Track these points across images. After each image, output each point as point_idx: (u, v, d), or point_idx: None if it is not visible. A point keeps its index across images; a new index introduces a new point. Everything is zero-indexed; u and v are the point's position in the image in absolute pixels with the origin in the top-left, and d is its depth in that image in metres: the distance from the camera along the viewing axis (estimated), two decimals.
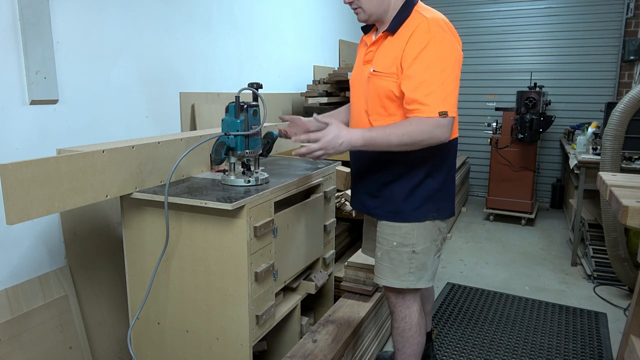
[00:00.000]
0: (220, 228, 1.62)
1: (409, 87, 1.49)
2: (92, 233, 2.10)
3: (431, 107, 1.46)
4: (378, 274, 1.74)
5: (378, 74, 1.58)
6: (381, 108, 1.60)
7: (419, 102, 1.47)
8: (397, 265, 1.69)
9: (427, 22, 1.49)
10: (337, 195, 2.73)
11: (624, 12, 4.86)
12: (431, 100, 1.46)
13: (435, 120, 1.46)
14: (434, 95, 1.46)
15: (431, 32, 1.47)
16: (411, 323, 1.76)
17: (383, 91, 1.57)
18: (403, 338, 1.79)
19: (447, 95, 1.47)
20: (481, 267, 3.63)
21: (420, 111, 1.47)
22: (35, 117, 1.86)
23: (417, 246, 1.67)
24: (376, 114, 1.62)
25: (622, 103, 2.94)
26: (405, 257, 1.67)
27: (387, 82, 1.55)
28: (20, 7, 1.75)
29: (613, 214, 2.90)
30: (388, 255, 1.70)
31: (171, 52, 2.51)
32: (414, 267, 1.68)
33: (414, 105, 1.48)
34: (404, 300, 1.75)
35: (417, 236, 1.66)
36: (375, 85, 1.59)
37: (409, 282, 1.69)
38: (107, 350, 2.13)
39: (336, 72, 3.37)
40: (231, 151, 1.77)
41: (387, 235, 1.69)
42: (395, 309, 1.78)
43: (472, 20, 5.53)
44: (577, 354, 2.44)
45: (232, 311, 1.67)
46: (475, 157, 5.72)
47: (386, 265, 1.71)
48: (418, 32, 1.49)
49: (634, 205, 1.36)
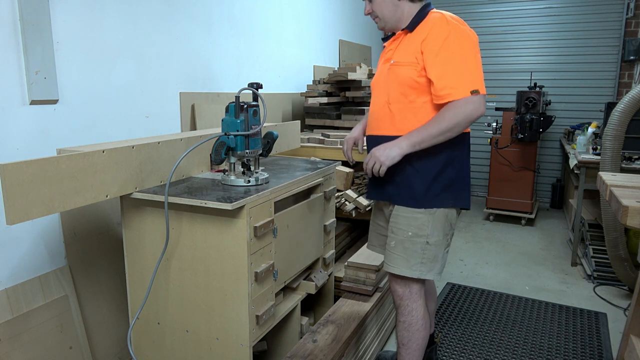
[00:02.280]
0: (220, 228, 1.62)
1: (437, 75, 1.60)
2: (92, 233, 2.10)
3: (464, 88, 1.57)
4: (390, 263, 1.79)
5: (398, 63, 1.69)
6: (402, 95, 1.69)
7: (450, 87, 1.58)
8: (411, 255, 1.74)
9: (444, 16, 1.64)
10: (337, 195, 2.73)
11: (624, 12, 4.86)
12: (460, 84, 1.57)
13: (467, 99, 1.57)
14: (462, 77, 1.58)
15: (450, 24, 1.61)
16: (417, 316, 1.80)
17: (403, 79, 1.67)
18: (409, 332, 1.81)
19: (474, 76, 1.59)
20: (481, 267, 3.63)
21: (452, 95, 1.58)
22: (35, 117, 1.86)
23: (430, 237, 1.73)
24: (397, 102, 1.71)
25: (622, 103, 2.94)
26: (419, 247, 1.73)
27: (407, 70, 1.66)
28: (20, 7, 1.75)
29: (613, 214, 2.90)
30: (402, 245, 1.75)
31: (171, 52, 2.51)
32: (426, 258, 1.74)
33: (446, 91, 1.59)
34: (410, 293, 1.79)
35: (431, 228, 1.73)
36: (396, 74, 1.70)
37: (420, 272, 1.75)
38: (107, 350, 2.13)
39: (336, 72, 3.37)
40: (231, 151, 1.77)
41: (402, 225, 1.74)
42: (401, 302, 1.81)
43: (472, 20, 5.51)
44: (577, 354, 2.44)
45: (232, 311, 1.67)
46: (475, 157, 5.72)
47: (399, 255, 1.75)
48: (437, 25, 1.62)
49: (634, 205, 1.36)
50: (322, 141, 3.09)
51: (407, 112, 1.69)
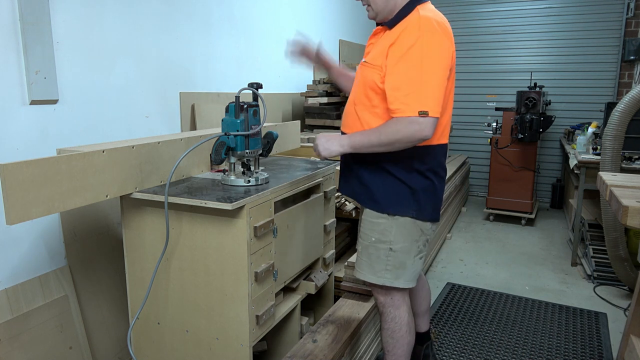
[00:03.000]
0: (220, 228, 1.62)
1: (391, 85, 1.50)
2: (92, 233, 2.10)
3: (411, 107, 1.45)
4: (357, 267, 1.78)
5: (366, 64, 1.62)
6: (365, 98, 1.62)
7: (401, 102, 1.47)
8: (374, 261, 1.70)
9: (419, 20, 1.49)
10: (337, 195, 2.73)
11: (624, 12, 4.86)
12: (411, 100, 1.45)
13: (412, 119, 1.46)
14: (414, 95, 1.45)
15: (421, 29, 1.47)
16: (401, 323, 1.76)
17: (368, 82, 1.59)
18: (393, 339, 1.78)
19: (428, 95, 1.45)
20: (481, 267, 3.63)
21: (401, 111, 1.47)
22: (35, 117, 1.86)
23: (394, 244, 1.67)
24: (361, 104, 1.64)
25: (622, 103, 2.94)
26: (382, 253, 1.68)
27: (372, 73, 1.57)
28: (20, 7, 1.75)
29: (613, 214, 2.90)
30: (367, 251, 1.72)
31: (171, 52, 2.51)
32: (391, 265, 1.68)
33: (396, 105, 1.48)
34: (392, 300, 1.75)
35: (395, 234, 1.66)
36: (363, 75, 1.63)
37: (385, 279, 1.69)
38: (107, 350, 2.13)
39: None
40: (231, 151, 1.77)
41: (367, 230, 1.71)
42: (384, 309, 1.78)
43: (472, 20, 5.53)
44: (577, 354, 2.44)
45: (232, 311, 1.67)
46: (475, 157, 5.72)
47: (364, 260, 1.73)
48: (408, 29, 1.49)
49: (634, 205, 1.36)
50: None
51: (372, 115, 1.60)
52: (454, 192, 4.52)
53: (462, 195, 5.13)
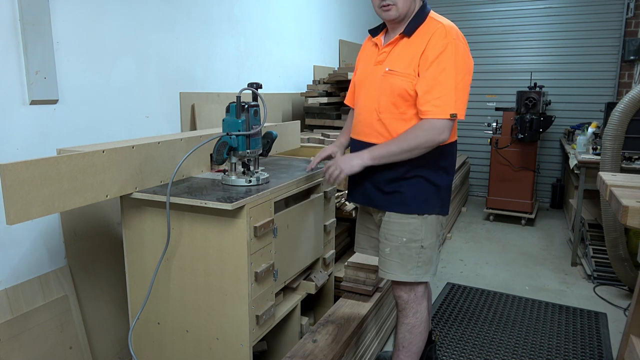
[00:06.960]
0: (221, 228, 1.62)
1: (423, 89, 1.57)
2: (92, 233, 2.10)
3: (442, 109, 1.55)
4: (385, 269, 1.79)
5: (393, 72, 1.65)
6: (393, 106, 1.66)
7: (431, 104, 1.56)
8: (407, 260, 1.75)
9: (445, 28, 1.59)
10: (337, 195, 2.73)
11: (624, 12, 4.86)
12: (443, 102, 1.55)
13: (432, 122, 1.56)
14: (445, 98, 1.55)
15: (448, 37, 1.57)
16: (422, 318, 1.82)
17: (397, 89, 1.64)
18: (412, 334, 1.82)
19: (458, 98, 1.57)
20: (481, 267, 3.63)
21: (432, 113, 1.56)
22: (35, 117, 1.86)
23: (425, 241, 1.74)
24: (387, 112, 1.68)
25: (622, 103, 2.94)
26: (414, 252, 1.74)
27: (403, 82, 1.62)
28: (20, 7, 1.75)
29: (613, 214, 2.90)
30: (397, 251, 1.75)
31: (171, 52, 2.51)
32: (422, 261, 1.75)
33: (427, 107, 1.57)
34: (416, 296, 1.81)
35: (425, 232, 1.74)
36: (390, 83, 1.65)
37: (417, 275, 1.76)
38: (107, 350, 2.13)
39: (336, 72, 3.37)
40: (233, 151, 1.77)
41: (396, 231, 1.74)
42: (407, 305, 1.82)
43: (472, 20, 5.53)
44: (577, 354, 2.44)
45: (232, 311, 1.67)
46: (475, 157, 5.72)
47: (396, 261, 1.76)
48: (436, 36, 1.58)
49: (634, 205, 1.36)
50: (322, 141, 3.09)
51: (400, 122, 1.66)
52: (454, 192, 4.52)
53: (462, 195, 5.13)
